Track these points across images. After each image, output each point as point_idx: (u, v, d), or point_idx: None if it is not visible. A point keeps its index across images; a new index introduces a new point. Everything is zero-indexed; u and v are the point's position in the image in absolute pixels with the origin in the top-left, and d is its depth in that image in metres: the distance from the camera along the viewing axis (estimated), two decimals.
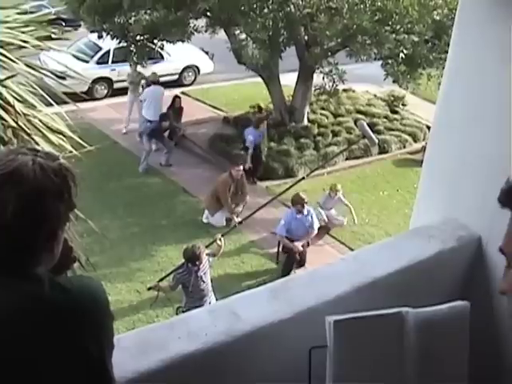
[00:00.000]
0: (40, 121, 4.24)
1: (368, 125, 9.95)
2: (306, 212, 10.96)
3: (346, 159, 15.38)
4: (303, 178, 11.01)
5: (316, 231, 11.33)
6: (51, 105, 5.08)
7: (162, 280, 9.19)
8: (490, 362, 3.14)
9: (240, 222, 10.53)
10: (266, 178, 14.28)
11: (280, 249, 11.36)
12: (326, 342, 2.47)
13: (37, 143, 4.19)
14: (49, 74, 5.28)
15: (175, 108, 16.06)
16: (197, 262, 8.63)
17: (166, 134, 15.55)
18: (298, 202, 10.88)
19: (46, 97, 4.99)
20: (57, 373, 1.92)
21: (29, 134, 4.11)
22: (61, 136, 4.64)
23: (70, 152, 4.47)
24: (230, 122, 16.99)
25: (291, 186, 11.11)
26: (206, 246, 9.30)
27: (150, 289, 9.31)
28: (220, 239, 9.53)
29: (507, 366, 3.10)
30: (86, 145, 5.32)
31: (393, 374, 2.49)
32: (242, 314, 2.68)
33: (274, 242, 11.81)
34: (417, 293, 2.81)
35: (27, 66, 4.65)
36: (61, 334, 1.90)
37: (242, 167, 12.27)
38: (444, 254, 3.22)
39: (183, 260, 8.90)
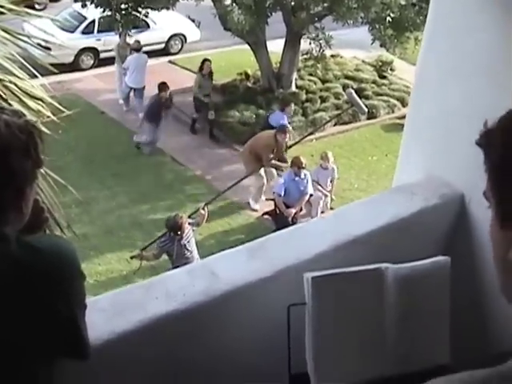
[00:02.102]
0: (16, 86, 4.16)
1: (356, 92, 9.91)
2: (302, 175, 10.92)
3: (335, 125, 15.34)
4: (290, 147, 11.04)
5: (308, 196, 11.28)
6: (36, 76, 5.00)
7: (145, 249, 9.16)
8: (472, 318, 3.12)
9: None
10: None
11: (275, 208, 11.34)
12: (305, 299, 2.44)
13: None
14: (28, 40, 5.19)
15: (205, 74, 15.51)
16: (179, 232, 8.62)
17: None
18: (296, 165, 10.84)
19: (30, 68, 4.91)
20: (27, 332, 1.88)
21: (5, 100, 4.04)
22: (40, 102, 4.56)
23: (48, 117, 4.38)
24: (218, 90, 16.85)
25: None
26: (189, 216, 9.30)
27: (132, 258, 9.29)
28: (203, 208, 9.51)
29: (489, 321, 3.08)
30: (67, 111, 5.20)
31: (373, 330, 2.46)
32: (221, 273, 2.65)
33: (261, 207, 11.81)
34: (399, 250, 2.77)
35: (5, 31, 4.57)
36: (29, 293, 1.86)
37: (288, 135, 11.99)
38: (426, 212, 3.18)
39: None
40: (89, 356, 2.12)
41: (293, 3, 15.09)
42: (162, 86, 14.24)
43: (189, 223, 8.93)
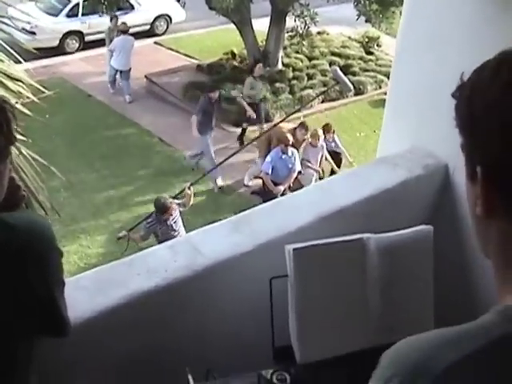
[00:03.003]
0: None
1: (342, 69, 9.86)
2: (290, 153, 10.87)
3: (322, 102, 15.31)
4: (276, 124, 10.98)
5: (297, 173, 11.24)
6: (20, 62, 4.96)
7: (131, 230, 9.12)
8: (456, 286, 3.12)
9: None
10: (242, 123, 14.14)
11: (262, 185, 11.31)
12: (287, 272, 2.42)
13: None
14: (12, 24, 5.15)
15: (257, 76, 13.79)
16: (165, 213, 8.60)
17: None
18: (282, 142, 10.79)
19: (14, 53, 4.86)
20: (2, 310, 1.86)
21: None
22: (20, 84, 4.52)
23: (28, 98, 4.34)
24: (204, 70, 16.80)
25: (267, 131, 11.07)
26: (174, 197, 9.26)
27: (119, 239, 9.25)
28: (189, 188, 9.48)
29: (473, 289, 3.08)
30: (51, 94, 5.17)
31: (356, 301, 2.45)
32: (203, 248, 2.63)
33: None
34: (383, 221, 2.76)
35: None
36: (3, 270, 1.84)
37: (308, 133, 11.73)
38: (410, 182, 3.17)
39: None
40: (68, 333, 2.10)
41: None
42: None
43: (176, 204, 8.90)
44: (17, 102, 4.12)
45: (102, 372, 2.47)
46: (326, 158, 11.75)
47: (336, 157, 11.97)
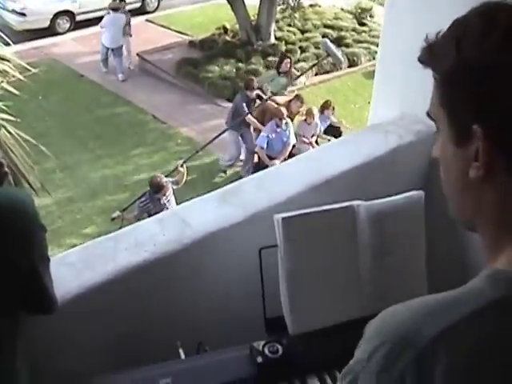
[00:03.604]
0: None
1: (335, 42, 9.79)
2: (284, 126, 10.81)
3: (316, 74, 15.23)
4: (268, 98, 10.91)
5: (291, 147, 11.18)
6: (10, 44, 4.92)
7: (125, 210, 9.09)
8: (449, 251, 3.09)
9: None
10: None
11: (257, 160, 11.26)
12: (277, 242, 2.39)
13: None
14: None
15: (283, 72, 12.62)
16: (161, 191, 8.57)
17: None
18: (277, 115, 10.73)
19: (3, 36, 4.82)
20: None
21: None
22: (6, 63, 4.48)
23: (19, 80, 4.31)
24: (196, 46, 16.70)
25: (259, 105, 10.99)
26: (167, 175, 9.21)
27: (113, 219, 9.21)
28: (182, 166, 9.43)
29: (466, 254, 3.05)
30: (44, 75, 5.13)
31: (347, 270, 2.41)
32: (192, 220, 2.60)
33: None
34: (374, 189, 2.71)
35: None
36: None
37: (303, 106, 11.60)
38: (401, 149, 3.14)
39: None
40: (55, 310, 2.08)
41: None
42: (250, 83, 11.44)
43: (169, 182, 8.86)
44: (2, 81, 4.08)
45: (91, 348, 2.45)
46: (322, 135, 11.70)
47: (336, 131, 11.92)
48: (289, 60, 12.61)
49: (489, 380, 1.01)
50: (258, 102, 11.10)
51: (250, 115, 10.96)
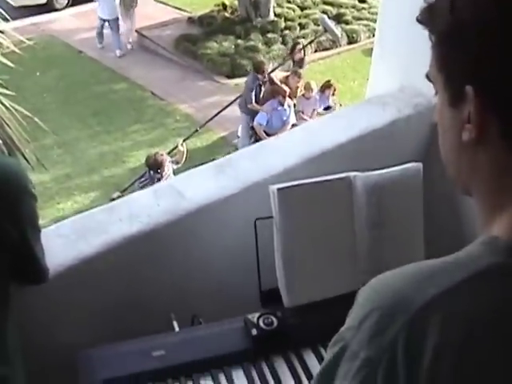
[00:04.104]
0: None
1: (334, 19, 9.73)
2: (286, 106, 10.77)
3: (315, 51, 15.13)
4: (270, 71, 10.84)
5: (290, 126, 11.12)
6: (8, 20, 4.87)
7: (125, 191, 9.04)
8: (447, 224, 3.07)
9: None
10: (235, 75, 14.03)
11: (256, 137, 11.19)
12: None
13: None
14: None
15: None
16: (159, 170, 8.50)
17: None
18: (280, 94, 10.67)
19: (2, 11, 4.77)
20: None
21: None
22: (2, 35, 4.44)
23: (8, 48, 4.27)
24: (195, 22, 16.59)
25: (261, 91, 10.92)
26: (169, 153, 9.14)
27: (113, 200, 9.14)
28: (182, 144, 9.35)
29: (464, 226, 3.03)
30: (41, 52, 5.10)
31: (343, 241, 2.38)
32: (187, 192, 2.57)
33: None
34: (371, 162, 2.68)
35: None
36: None
37: (302, 82, 11.49)
38: (400, 122, 3.11)
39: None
40: (46, 280, 2.06)
41: None
42: (260, 65, 11.22)
43: (169, 161, 8.79)
44: None
45: (84, 320, 2.43)
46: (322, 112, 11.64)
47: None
48: (301, 46, 12.52)
49: (485, 350, 0.97)
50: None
51: (254, 103, 10.86)
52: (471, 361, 0.97)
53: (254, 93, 10.80)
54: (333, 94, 11.92)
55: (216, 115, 9.94)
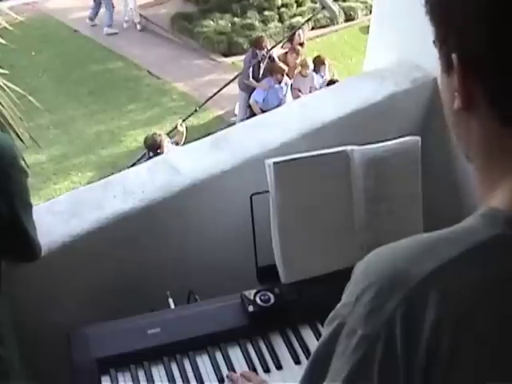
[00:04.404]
0: None
1: None
2: (283, 84, 10.70)
3: (312, 29, 15.03)
4: (269, 49, 10.75)
5: None
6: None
7: None
8: (446, 198, 3.04)
9: None
10: (232, 53, 13.95)
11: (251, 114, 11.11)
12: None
13: None
14: None
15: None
16: (158, 151, 8.41)
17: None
18: (278, 72, 10.61)
19: None
20: None
21: None
22: None
23: (2, 27, 4.22)
24: (191, 0, 16.45)
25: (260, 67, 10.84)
26: (168, 133, 9.06)
27: None
28: (181, 125, 9.26)
29: (463, 200, 3.00)
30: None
31: (341, 216, 2.35)
32: (182, 167, 2.53)
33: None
34: (369, 136, 2.64)
35: None
36: None
37: (300, 57, 11.34)
38: (398, 96, 3.07)
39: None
40: (38, 257, 2.03)
41: None
42: (259, 40, 11.19)
43: (168, 142, 8.70)
44: None
45: (77, 298, 2.40)
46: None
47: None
48: (301, 32, 12.42)
49: (484, 324, 0.94)
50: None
51: (251, 79, 10.79)
52: (471, 334, 0.94)
53: (251, 69, 10.71)
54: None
55: (216, 94, 9.86)
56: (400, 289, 0.96)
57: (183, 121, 9.23)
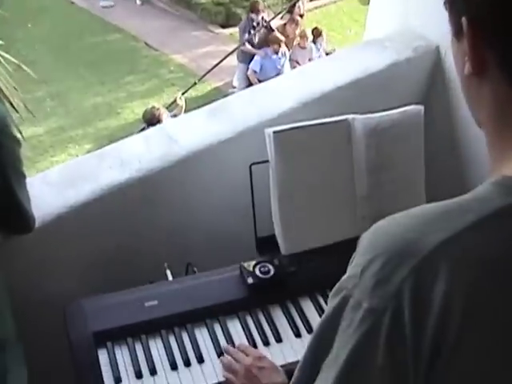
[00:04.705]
0: None
1: None
2: (280, 54, 10.61)
3: (311, 0, 14.92)
4: (269, 20, 10.65)
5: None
6: None
7: None
8: (449, 167, 2.99)
9: None
10: (230, 24, 13.83)
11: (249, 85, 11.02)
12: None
13: None
14: None
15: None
16: (157, 124, 8.31)
17: None
18: (275, 42, 10.52)
19: None
20: None
21: None
22: None
23: None
24: None
25: (256, 32, 10.75)
26: (167, 107, 8.97)
27: None
28: (180, 98, 9.18)
29: (466, 169, 2.95)
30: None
31: (342, 186, 2.30)
32: (179, 137, 2.48)
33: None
34: (370, 105, 2.59)
35: None
36: None
37: (299, 28, 11.18)
38: (400, 65, 3.01)
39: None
40: (32, 229, 1.99)
41: None
42: (255, 5, 10.85)
43: (167, 115, 8.62)
44: None
45: (74, 271, 2.37)
46: None
47: None
48: (301, 2, 12.28)
49: (497, 295, 0.90)
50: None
51: (247, 43, 10.70)
52: (483, 306, 0.90)
53: (247, 34, 10.60)
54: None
55: (215, 66, 9.77)
56: (409, 260, 0.91)
57: (182, 94, 9.15)
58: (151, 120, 8.27)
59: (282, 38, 10.52)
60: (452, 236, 0.91)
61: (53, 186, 2.30)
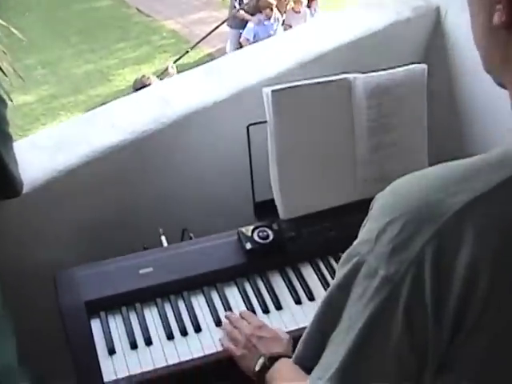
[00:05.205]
0: None
1: None
2: (273, 20, 10.49)
3: None
4: None
5: None
6: None
7: None
8: (451, 128, 2.92)
9: None
10: None
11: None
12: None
13: None
14: None
15: None
16: None
17: None
18: (266, 7, 10.39)
19: None
20: None
21: None
22: None
23: None
24: None
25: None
26: (159, 76, 8.85)
27: None
28: (172, 66, 9.05)
29: (468, 130, 2.88)
30: None
31: (342, 148, 2.22)
32: (173, 99, 2.40)
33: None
34: (370, 65, 2.51)
35: None
36: None
37: None
38: (399, 25, 2.93)
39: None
40: (19, 193, 1.92)
41: None
42: None
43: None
44: None
45: (65, 237, 2.30)
46: None
47: None
48: None
49: None
50: None
51: (241, 10, 10.55)
52: (509, 274, 0.84)
53: (234, 3, 10.43)
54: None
55: (209, 34, 9.64)
56: (430, 224, 0.85)
57: (174, 62, 9.03)
58: (141, 89, 8.13)
59: (272, 1, 10.37)
60: (477, 198, 0.85)
61: (42, 150, 2.22)
